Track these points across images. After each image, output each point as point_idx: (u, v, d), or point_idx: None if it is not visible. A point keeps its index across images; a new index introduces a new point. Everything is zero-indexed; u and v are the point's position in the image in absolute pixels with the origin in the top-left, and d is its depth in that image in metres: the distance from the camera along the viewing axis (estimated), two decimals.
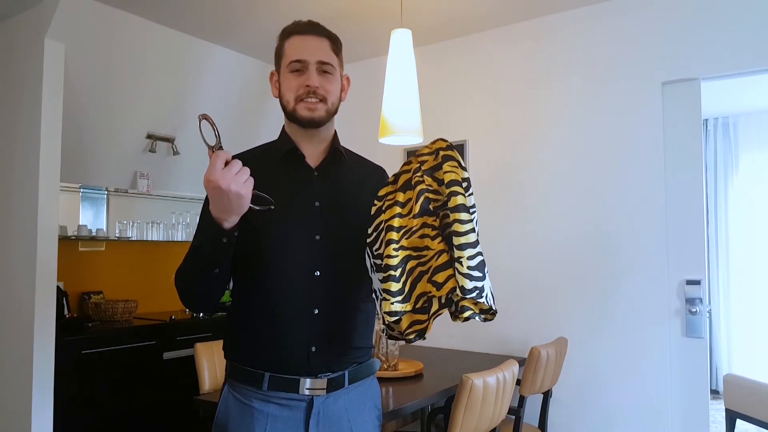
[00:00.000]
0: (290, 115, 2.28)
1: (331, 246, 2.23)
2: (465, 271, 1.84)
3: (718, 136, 8.63)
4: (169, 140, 6.20)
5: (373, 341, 2.43)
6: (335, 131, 2.42)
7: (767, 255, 8.18)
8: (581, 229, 4.96)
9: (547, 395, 4.60)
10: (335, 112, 2.33)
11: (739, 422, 5.30)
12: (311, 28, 2.30)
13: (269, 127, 6.50)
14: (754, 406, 5.08)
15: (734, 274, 8.42)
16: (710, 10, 4.47)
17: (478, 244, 1.91)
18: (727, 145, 8.58)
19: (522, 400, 4.18)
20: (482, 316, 1.95)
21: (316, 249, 2.21)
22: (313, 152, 2.34)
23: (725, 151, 8.60)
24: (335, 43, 2.33)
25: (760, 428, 5.31)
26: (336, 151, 2.36)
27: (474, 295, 1.84)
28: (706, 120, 8.67)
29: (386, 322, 1.93)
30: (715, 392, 8.23)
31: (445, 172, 1.95)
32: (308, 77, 2.22)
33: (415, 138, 4.32)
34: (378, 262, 1.98)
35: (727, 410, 5.37)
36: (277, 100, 2.33)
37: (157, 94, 5.84)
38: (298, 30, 2.29)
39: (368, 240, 2.05)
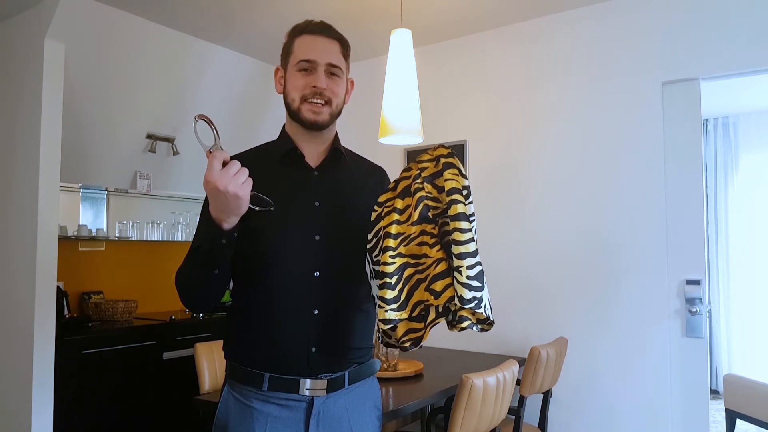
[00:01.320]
0: (293, 114, 2.27)
1: (330, 246, 2.22)
2: (464, 280, 1.84)
3: (718, 136, 8.62)
4: (169, 140, 6.20)
5: (374, 341, 2.43)
6: (336, 131, 2.41)
7: (767, 255, 8.18)
8: (581, 229, 4.97)
9: (547, 395, 4.60)
10: (338, 114, 2.32)
11: (739, 422, 5.30)
12: (323, 29, 2.30)
13: (269, 127, 6.50)
14: (754, 406, 5.08)
15: (734, 274, 8.42)
16: (710, 10, 4.47)
17: (478, 253, 1.90)
18: (727, 145, 8.58)
19: (522, 400, 4.18)
20: (479, 326, 1.93)
21: (315, 249, 2.21)
22: (313, 152, 2.34)
23: (725, 151, 8.59)
24: (345, 47, 2.34)
25: (760, 428, 5.31)
26: (336, 151, 2.36)
27: (473, 305, 1.83)
28: (706, 120, 8.67)
29: (381, 330, 1.93)
30: (715, 392, 8.23)
31: (446, 180, 1.94)
32: (316, 78, 2.22)
33: (415, 138, 4.32)
34: (377, 268, 1.97)
35: (727, 410, 5.37)
36: (279, 97, 2.33)
37: (156, 94, 5.84)
38: (309, 29, 2.29)
39: (368, 246, 2.04)
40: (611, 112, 4.88)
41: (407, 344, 1.95)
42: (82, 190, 5.94)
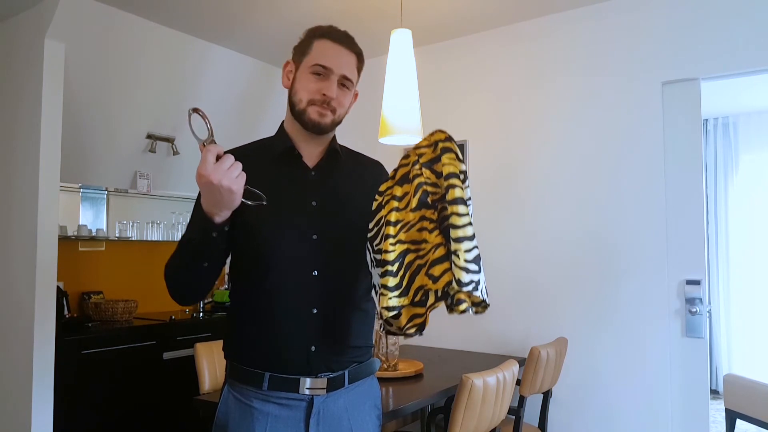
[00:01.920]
0: (298, 114, 2.27)
1: (328, 245, 2.23)
2: (462, 264, 1.83)
3: (718, 136, 8.62)
4: (169, 140, 6.20)
5: (373, 341, 2.43)
6: (334, 132, 2.42)
7: (767, 255, 8.18)
8: (581, 229, 4.97)
9: (547, 395, 4.60)
10: (339, 123, 2.33)
11: (739, 422, 5.30)
12: (346, 40, 2.31)
13: (269, 127, 6.44)
14: (754, 406, 5.08)
15: (734, 274, 8.42)
16: (710, 10, 4.47)
17: (475, 237, 1.88)
18: (727, 145, 8.58)
19: (522, 400, 4.18)
20: (474, 308, 1.92)
21: (313, 249, 2.22)
22: (311, 152, 2.35)
23: (725, 151, 8.60)
24: (360, 62, 2.36)
25: (760, 428, 5.31)
26: (333, 151, 2.37)
27: (470, 288, 1.83)
28: (706, 120, 8.67)
29: (384, 317, 1.93)
30: (715, 392, 8.22)
31: (444, 165, 1.93)
32: (328, 86, 2.23)
33: (415, 138, 4.24)
34: (378, 257, 1.97)
35: (727, 410, 5.37)
36: (279, 98, 2.34)
37: (157, 94, 5.84)
38: (332, 36, 2.29)
39: (369, 235, 2.05)
40: (611, 112, 4.88)
41: (411, 330, 1.95)
42: (82, 190, 5.94)
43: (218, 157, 1.89)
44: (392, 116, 4.22)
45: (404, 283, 1.92)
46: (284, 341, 2.18)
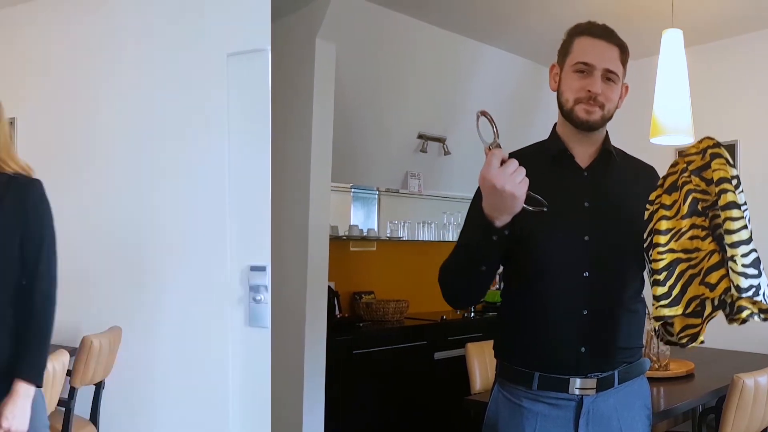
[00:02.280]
0: (566, 115, 2.26)
1: (599, 247, 2.21)
2: (740, 269, 1.76)
3: None
4: (440, 140, 6.24)
5: (644, 341, 2.37)
6: (606, 132, 2.38)
7: None
8: None
9: None
10: (610, 118, 2.30)
11: None
12: (605, 34, 2.27)
13: (540, 128, 6.37)
14: None
15: None
16: None
17: (752, 241, 1.82)
18: None
19: None
20: (762, 315, 1.83)
21: (584, 250, 2.21)
22: (583, 153, 2.33)
23: None
24: (624, 53, 2.31)
25: None
26: (606, 152, 2.34)
27: (750, 293, 1.76)
28: None
29: (658, 326, 1.97)
30: None
31: (714, 171, 1.87)
32: (592, 83, 2.20)
33: (686, 138, 4.36)
34: (650, 266, 1.95)
35: None
36: (550, 99, 2.35)
37: (427, 94, 5.89)
38: (591, 31, 2.27)
39: (644, 245, 2.02)
40: None
41: (684, 340, 1.94)
42: (353, 190, 6.08)
43: (502, 162, 1.86)
44: (663, 116, 4.30)
45: (674, 293, 1.90)
46: (555, 342, 2.19)
